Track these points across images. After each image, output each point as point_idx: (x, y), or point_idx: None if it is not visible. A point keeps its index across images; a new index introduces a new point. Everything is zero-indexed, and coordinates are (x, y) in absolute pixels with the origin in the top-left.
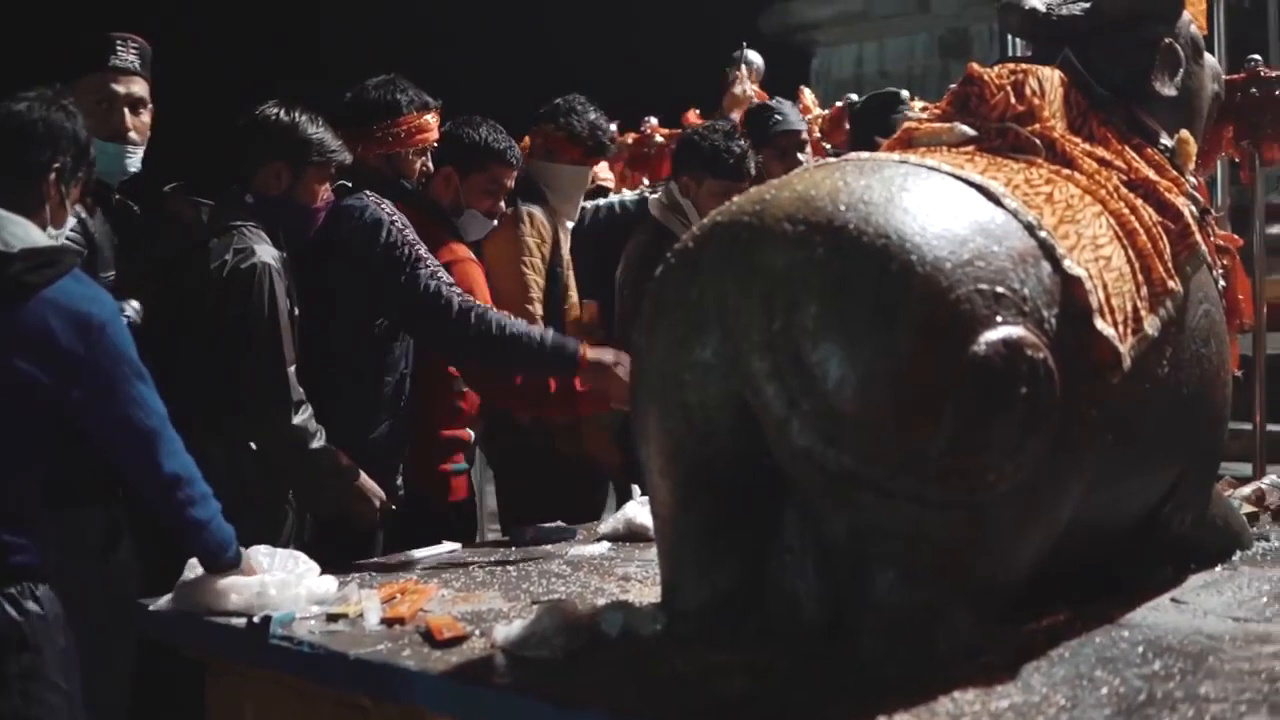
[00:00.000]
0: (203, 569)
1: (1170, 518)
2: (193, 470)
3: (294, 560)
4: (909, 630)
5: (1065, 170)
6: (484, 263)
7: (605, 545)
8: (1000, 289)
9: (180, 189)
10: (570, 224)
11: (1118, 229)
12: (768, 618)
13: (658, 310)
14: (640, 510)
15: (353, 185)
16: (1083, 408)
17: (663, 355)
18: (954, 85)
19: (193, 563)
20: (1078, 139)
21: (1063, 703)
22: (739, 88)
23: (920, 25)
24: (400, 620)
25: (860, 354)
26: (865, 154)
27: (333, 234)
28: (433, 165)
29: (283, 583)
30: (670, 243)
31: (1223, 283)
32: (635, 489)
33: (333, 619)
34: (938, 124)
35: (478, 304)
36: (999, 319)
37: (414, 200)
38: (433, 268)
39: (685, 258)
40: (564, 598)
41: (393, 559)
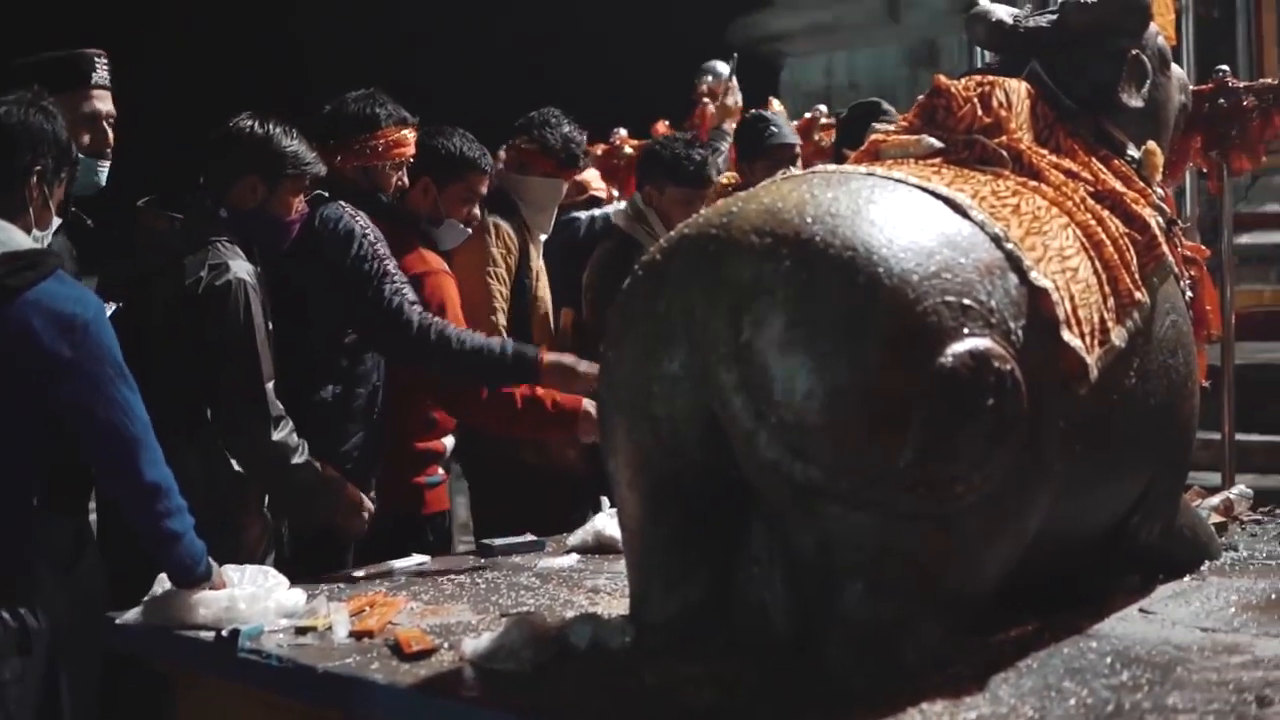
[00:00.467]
0: (172, 583)
1: (1138, 528)
2: (171, 482)
3: (263, 574)
4: (877, 642)
5: (1032, 182)
6: (453, 269)
7: (574, 557)
8: (967, 301)
9: (153, 203)
10: (544, 236)
11: (1084, 240)
12: (736, 630)
13: (625, 322)
14: (609, 522)
15: (329, 196)
16: (1050, 419)
17: (630, 367)
18: (921, 97)
19: (162, 577)
20: (1044, 151)
21: (1031, 714)
22: (731, 99)
23: (890, 36)
24: (369, 633)
25: (827, 366)
26: (832, 166)
27: (307, 245)
28: (408, 179)
29: (251, 596)
30: (636, 251)
31: (1190, 293)
32: (604, 501)
33: (301, 632)
34: (905, 136)
35: (437, 320)
36: (966, 331)
37: (389, 212)
38: (398, 284)
39: (653, 270)
40: (533, 610)
41: (362, 572)
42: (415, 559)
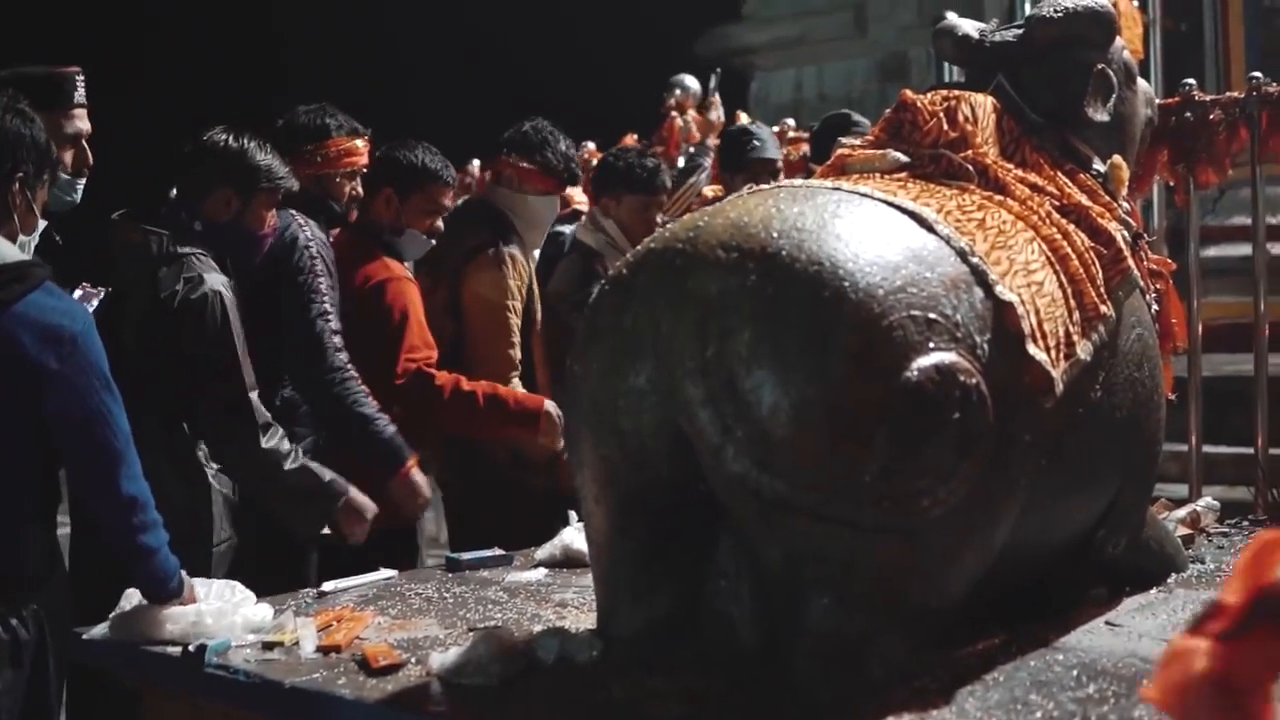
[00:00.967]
0: (144, 598)
1: (1105, 541)
2: (148, 496)
3: (230, 589)
4: (843, 655)
5: (998, 196)
6: (464, 302)
7: (542, 571)
8: (933, 315)
9: (126, 216)
10: (536, 252)
11: (1050, 254)
12: (703, 643)
13: (592, 336)
14: (577, 536)
15: (281, 203)
16: (1016, 433)
17: (597, 382)
18: (888, 112)
19: (130, 592)
20: (1010, 165)
21: None
22: (714, 113)
23: (858, 50)
24: (336, 648)
25: (793, 380)
26: (799, 181)
27: (271, 257)
28: (362, 190)
29: (218, 611)
30: (598, 261)
31: (1156, 307)
32: (571, 515)
33: (268, 647)
34: (871, 151)
35: (347, 370)
36: (931, 345)
37: (343, 221)
38: (323, 307)
39: (619, 284)
40: (500, 625)
41: (329, 586)
42: (383, 573)
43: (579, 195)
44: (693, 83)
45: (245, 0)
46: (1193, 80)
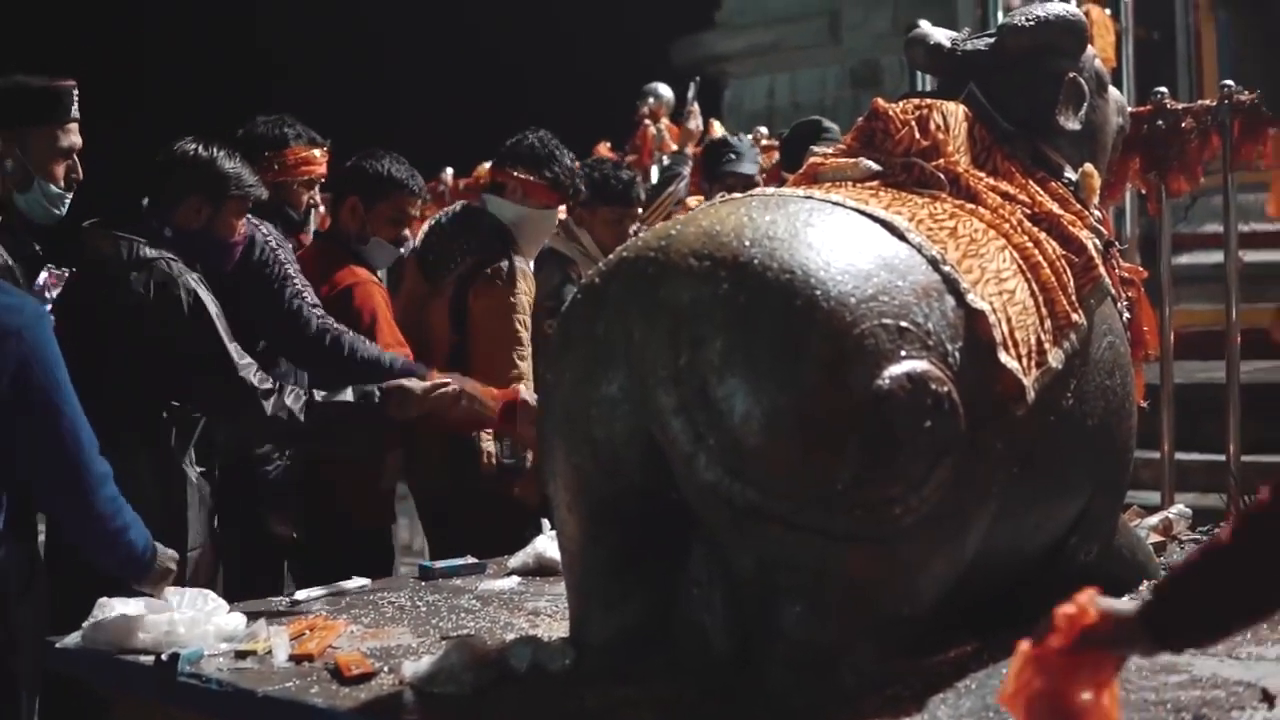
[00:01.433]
0: (127, 576)
1: (1077, 548)
2: (109, 471)
3: (202, 598)
4: (815, 663)
5: (969, 205)
6: (473, 315)
7: (515, 580)
8: (904, 323)
9: (99, 225)
10: (530, 264)
11: (1021, 263)
12: (676, 651)
13: (564, 345)
14: (550, 544)
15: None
16: (987, 441)
17: (569, 390)
18: (860, 120)
19: (102, 601)
20: (982, 173)
21: None
22: (693, 122)
23: (832, 57)
24: (309, 657)
25: (766, 388)
26: (771, 189)
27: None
28: (326, 200)
29: (191, 620)
30: (571, 269)
31: (1127, 315)
32: (545, 523)
33: (241, 656)
34: (843, 159)
35: (334, 326)
36: (903, 353)
37: (300, 229)
38: (298, 288)
39: (591, 293)
40: (473, 633)
41: (302, 594)
42: (355, 582)
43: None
44: (666, 91)
45: (230, 14)
46: (1164, 88)
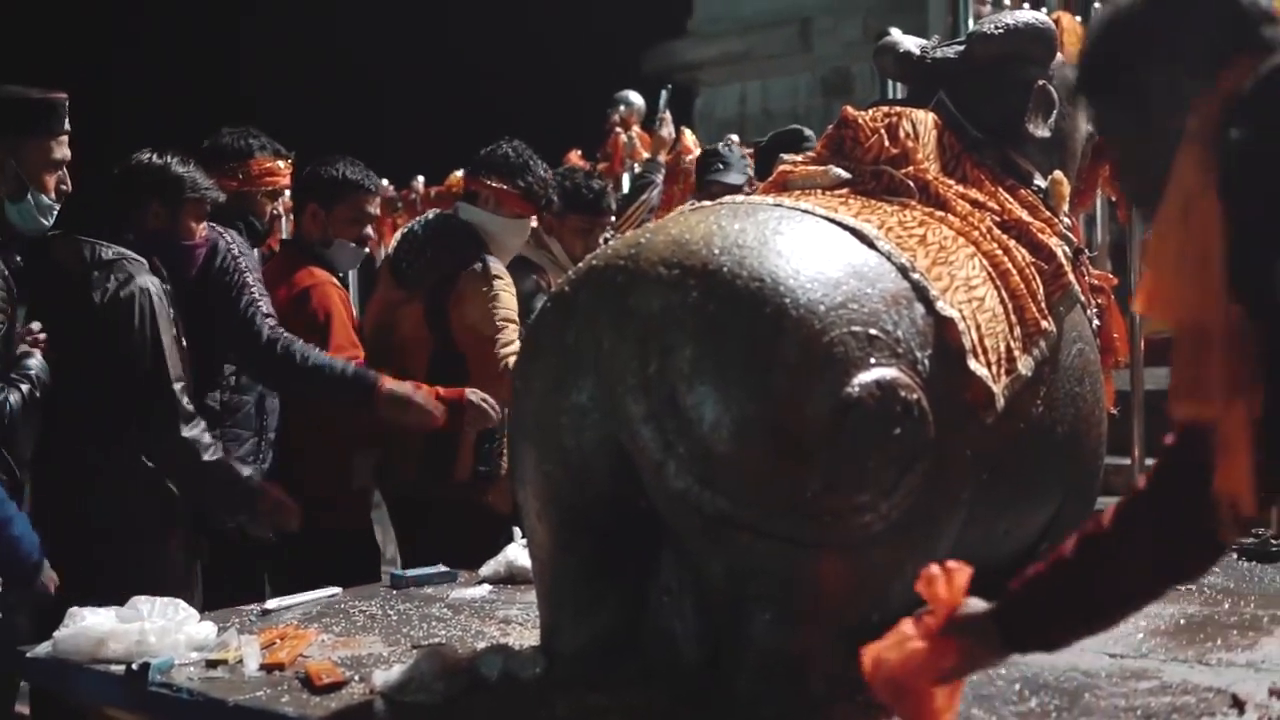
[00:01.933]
0: (6, 579)
1: (1047, 555)
2: None
3: (173, 607)
4: (785, 670)
5: (939, 212)
6: (453, 318)
7: (486, 588)
8: (874, 331)
9: (64, 234)
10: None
11: (991, 270)
12: (646, 659)
13: (534, 353)
14: (521, 552)
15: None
16: (957, 448)
17: (539, 398)
18: (829, 128)
19: (73, 611)
20: (951, 181)
21: None
22: (665, 130)
23: (803, 65)
24: (279, 666)
25: (735, 396)
26: (740, 197)
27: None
28: (286, 209)
29: (162, 629)
30: (541, 276)
31: (1097, 321)
32: (516, 531)
33: (212, 665)
34: (813, 167)
35: (285, 335)
36: (873, 361)
37: (264, 239)
38: (253, 296)
39: (561, 301)
40: (444, 642)
41: (273, 603)
42: (327, 590)
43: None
44: (637, 99)
45: (209, 26)
46: None
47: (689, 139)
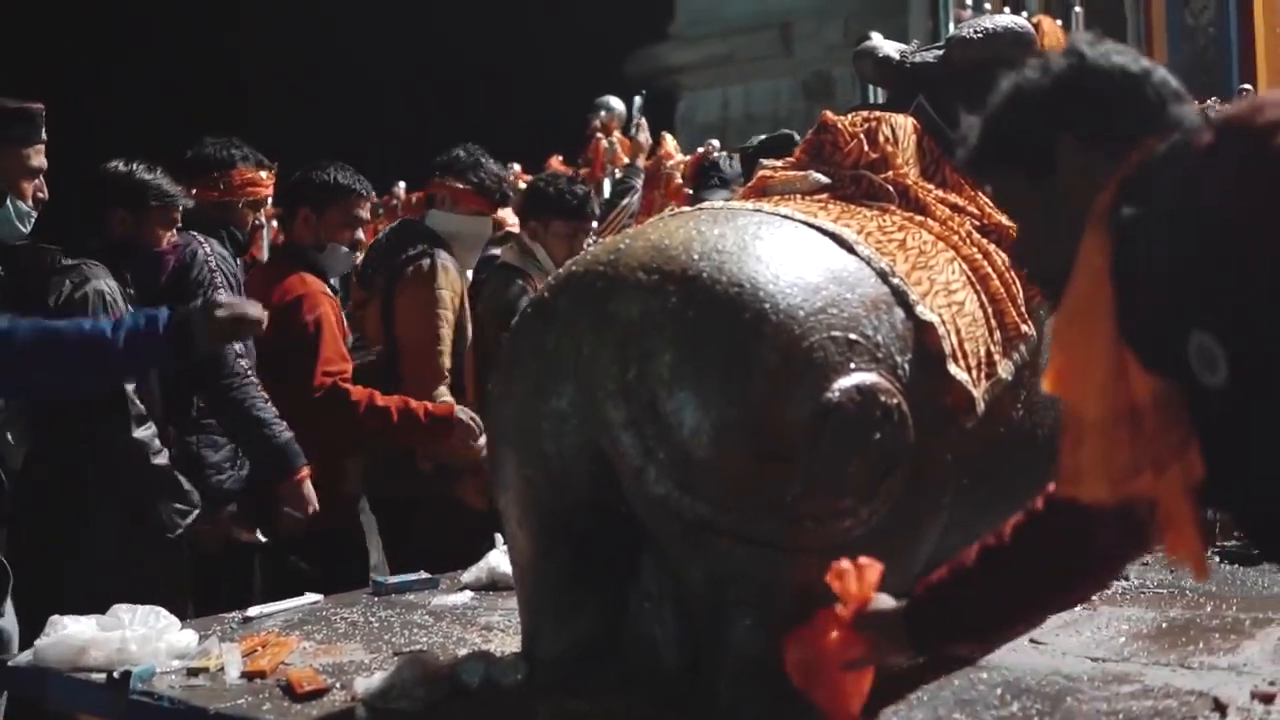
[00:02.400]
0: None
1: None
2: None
3: (154, 615)
4: (765, 675)
5: (918, 217)
6: (396, 310)
7: (468, 594)
8: (853, 336)
9: (32, 242)
10: (469, 272)
11: (970, 274)
12: (627, 665)
13: (514, 359)
14: (503, 558)
15: (182, 227)
16: (937, 452)
17: (519, 404)
18: (809, 133)
19: (54, 619)
20: (931, 185)
21: None
22: (641, 136)
23: (784, 69)
24: (261, 674)
25: (715, 402)
26: (720, 203)
27: (177, 275)
28: (268, 216)
29: (143, 637)
30: (526, 280)
31: None
32: (498, 537)
33: (193, 673)
34: (792, 172)
35: (246, 376)
36: (852, 365)
37: (245, 249)
38: None
39: (541, 307)
40: (425, 649)
41: (254, 611)
42: (309, 597)
43: (511, 218)
44: (618, 104)
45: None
46: None
47: (670, 144)
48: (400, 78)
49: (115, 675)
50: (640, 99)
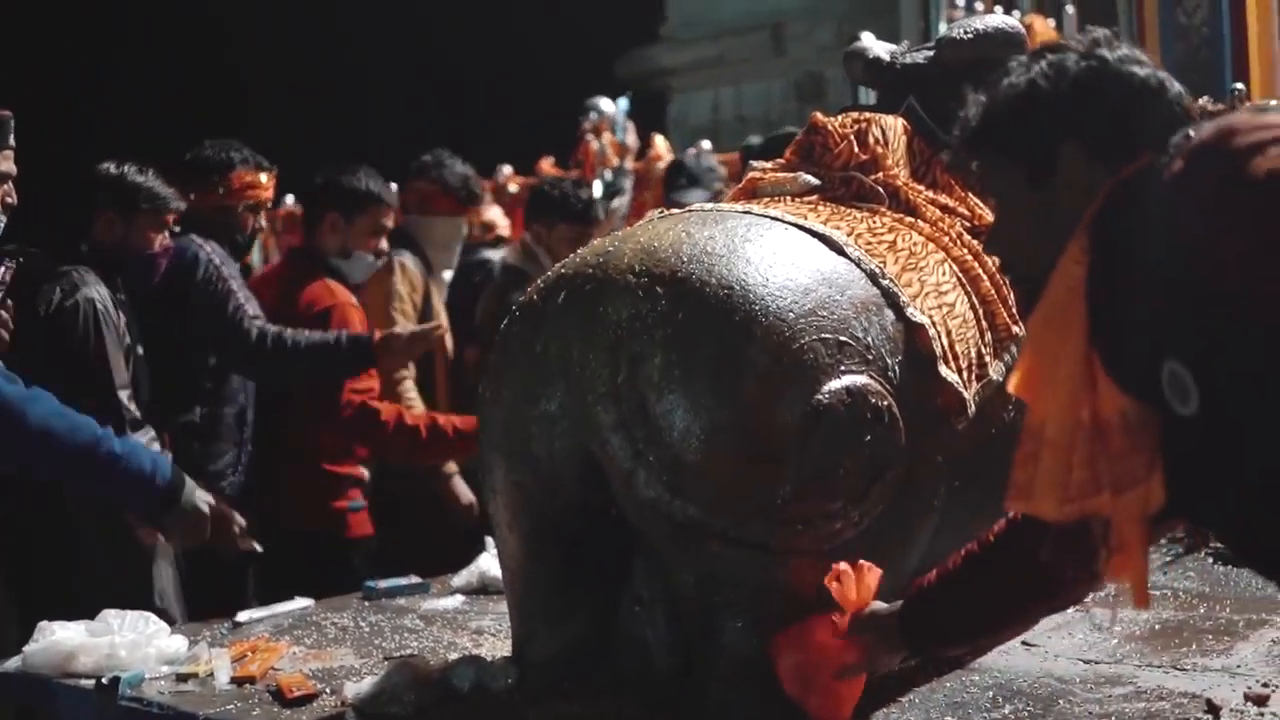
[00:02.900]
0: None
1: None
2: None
3: (143, 620)
4: (756, 678)
5: (908, 218)
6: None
7: (459, 598)
8: (843, 338)
9: (18, 246)
10: (448, 274)
11: (961, 276)
12: (618, 668)
13: (504, 362)
14: (493, 562)
15: (182, 231)
16: (928, 454)
17: (509, 407)
18: (798, 134)
19: (42, 625)
20: (921, 187)
21: None
22: (629, 138)
23: (776, 70)
24: (251, 679)
25: (705, 404)
26: (709, 204)
27: (169, 278)
28: (264, 223)
29: (132, 643)
30: (529, 284)
31: None
32: (488, 540)
33: (182, 679)
34: (782, 174)
35: (270, 327)
36: (843, 368)
37: (243, 253)
38: (239, 301)
39: (530, 310)
40: (416, 653)
41: (244, 616)
42: (298, 602)
43: (501, 220)
44: (609, 106)
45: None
46: None
47: (660, 146)
48: (392, 80)
49: (104, 681)
50: (626, 101)
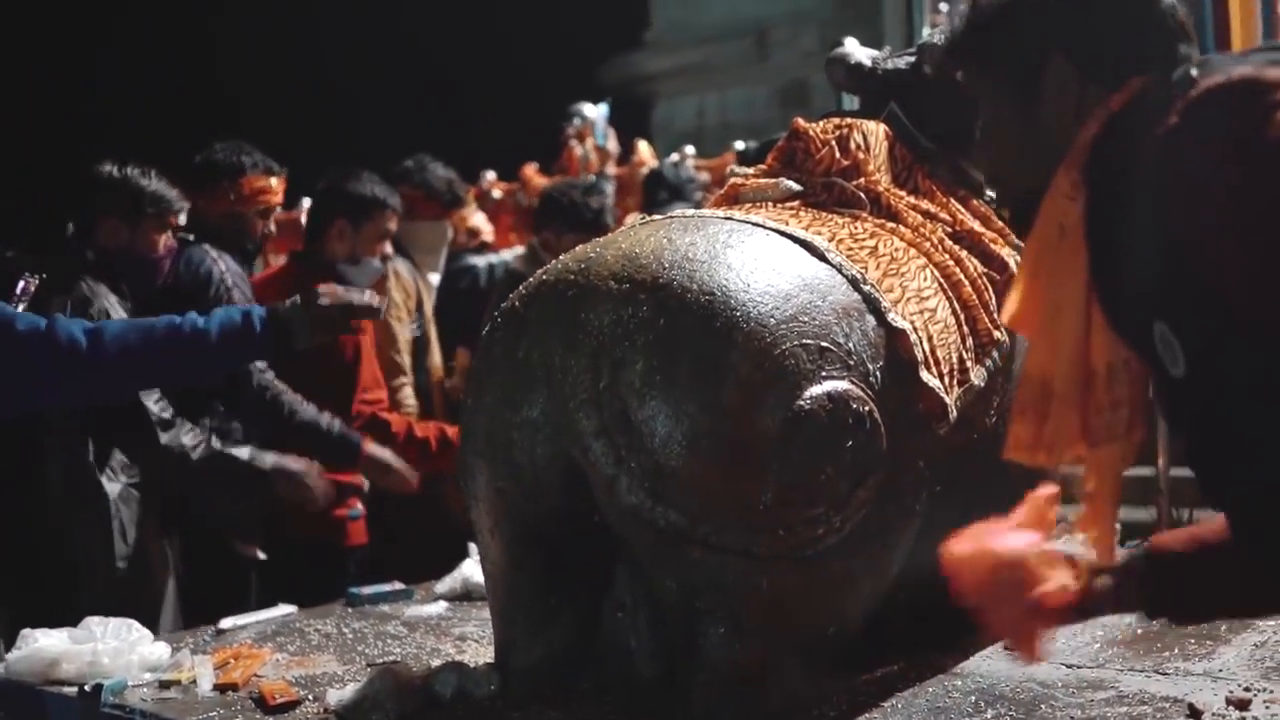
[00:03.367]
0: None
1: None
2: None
3: (126, 627)
4: (740, 684)
5: (890, 224)
6: None
7: (442, 605)
8: (825, 344)
9: (19, 254)
10: (435, 276)
11: (942, 281)
12: (601, 675)
13: (486, 369)
14: (476, 569)
15: (195, 239)
16: (910, 459)
17: (491, 414)
18: (780, 140)
19: (25, 633)
20: (903, 192)
21: None
22: (610, 144)
23: (760, 76)
24: (233, 686)
25: (686, 411)
26: (691, 210)
27: (176, 284)
28: (274, 227)
29: (115, 650)
30: None
31: None
32: (472, 547)
33: (165, 686)
34: (763, 180)
35: (273, 384)
36: (824, 373)
37: (253, 259)
38: None
39: (512, 316)
40: (399, 660)
41: (228, 623)
42: (282, 609)
43: (485, 225)
44: (592, 111)
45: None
46: None
47: (644, 151)
48: (377, 85)
49: (87, 688)
50: (606, 106)
